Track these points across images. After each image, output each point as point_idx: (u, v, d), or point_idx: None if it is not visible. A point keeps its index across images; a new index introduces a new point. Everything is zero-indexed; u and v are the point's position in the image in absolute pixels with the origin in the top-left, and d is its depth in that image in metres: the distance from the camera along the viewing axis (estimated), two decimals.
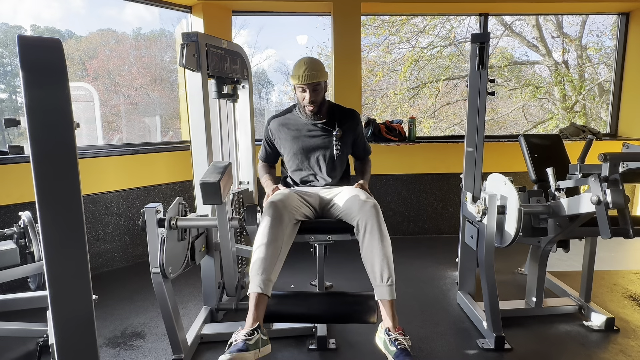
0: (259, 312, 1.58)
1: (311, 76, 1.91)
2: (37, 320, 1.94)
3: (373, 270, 1.66)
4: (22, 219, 1.83)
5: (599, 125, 6.52)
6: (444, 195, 3.66)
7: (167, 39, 3.95)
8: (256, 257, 1.64)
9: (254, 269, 1.63)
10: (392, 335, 1.57)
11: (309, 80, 1.91)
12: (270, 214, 1.72)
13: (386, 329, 1.61)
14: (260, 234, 1.68)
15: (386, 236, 1.71)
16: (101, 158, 2.90)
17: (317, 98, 1.97)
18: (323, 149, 2.06)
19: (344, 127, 2.07)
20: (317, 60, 1.97)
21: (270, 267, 1.62)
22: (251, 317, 1.57)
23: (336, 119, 2.07)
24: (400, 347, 1.53)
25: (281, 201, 1.79)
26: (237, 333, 1.53)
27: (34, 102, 1.00)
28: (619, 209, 1.62)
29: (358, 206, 1.79)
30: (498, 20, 6.52)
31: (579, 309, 2.20)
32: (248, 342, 1.47)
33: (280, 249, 1.67)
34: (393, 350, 1.53)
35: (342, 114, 2.11)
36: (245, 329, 1.54)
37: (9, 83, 3.42)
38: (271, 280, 1.62)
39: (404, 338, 1.57)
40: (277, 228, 1.68)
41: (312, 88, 1.94)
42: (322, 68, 1.96)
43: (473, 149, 2.07)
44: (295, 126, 2.08)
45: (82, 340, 1.12)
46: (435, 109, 7.23)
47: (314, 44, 7.22)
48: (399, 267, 2.91)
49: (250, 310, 1.59)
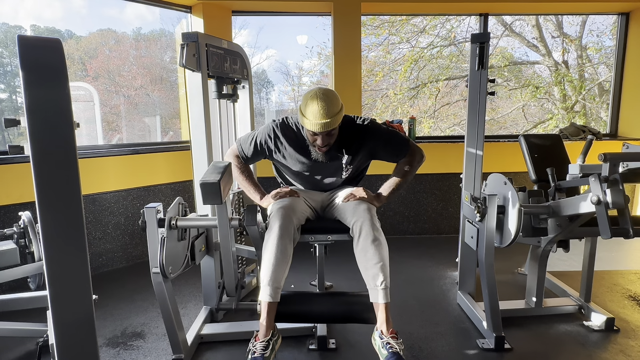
0: (271, 319, 1.65)
1: (327, 124, 1.64)
2: (37, 320, 1.93)
3: (367, 273, 1.65)
4: (22, 219, 1.83)
5: (599, 125, 6.52)
6: (444, 195, 3.66)
7: (167, 39, 3.95)
8: (267, 267, 1.64)
9: (266, 278, 1.63)
10: (384, 339, 1.57)
11: (324, 129, 1.66)
12: (279, 221, 1.68)
13: (379, 332, 1.60)
14: (271, 243, 1.65)
15: (380, 239, 1.68)
16: (101, 158, 2.90)
17: (331, 142, 1.76)
18: (330, 175, 1.93)
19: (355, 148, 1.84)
20: (334, 98, 1.67)
21: (280, 276, 1.65)
22: (265, 325, 1.63)
23: (346, 140, 1.82)
24: (391, 350, 1.52)
25: (290, 207, 1.76)
26: (254, 343, 1.61)
27: (34, 102, 1.00)
28: (619, 209, 1.62)
29: (352, 209, 1.78)
30: (498, 20, 6.52)
31: (579, 309, 2.20)
32: (265, 355, 1.55)
33: (289, 257, 1.68)
34: (384, 354, 1.53)
35: (354, 133, 1.82)
36: (261, 337, 1.61)
37: (9, 83, 3.42)
38: (280, 287, 1.66)
39: (397, 342, 1.55)
40: (286, 237, 1.67)
41: (327, 132, 1.70)
42: (339, 107, 1.68)
43: (473, 149, 2.07)
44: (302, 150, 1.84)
45: (82, 340, 1.12)
46: (435, 109, 7.23)
47: (314, 44, 7.24)
48: (399, 267, 2.93)
49: (263, 318, 1.64)
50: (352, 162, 1.88)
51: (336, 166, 1.89)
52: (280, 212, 1.72)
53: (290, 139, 1.84)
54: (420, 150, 1.96)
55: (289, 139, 1.84)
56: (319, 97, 1.65)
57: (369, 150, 1.88)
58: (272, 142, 1.85)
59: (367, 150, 1.87)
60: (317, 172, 1.93)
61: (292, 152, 1.85)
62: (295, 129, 1.85)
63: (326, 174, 1.94)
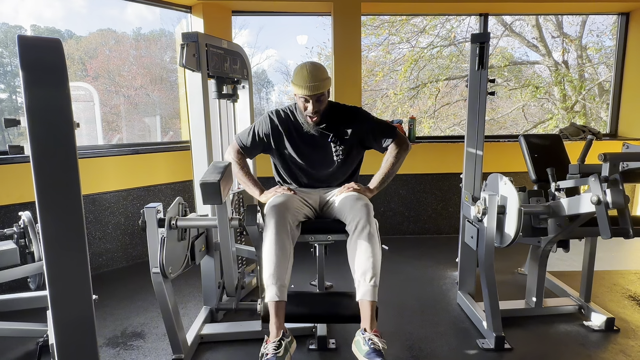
0: (280, 319, 1.62)
1: (315, 87, 1.79)
2: (37, 320, 1.93)
3: (357, 268, 1.64)
4: (22, 219, 1.83)
5: (599, 125, 6.52)
6: (444, 195, 3.66)
7: (167, 39, 3.95)
8: (268, 266, 1.63)
9: (269, 278, 1.63)
10: (366, 335, 1.54)
11: (313, 92, 1.80)
12: (274, 218, 1.70)
13: (362, 329, 1.58)
14: (268, 241, 1.66)
15: (375, 236, 1.68)
16: (101, 158, 2.90)
17: (321, 108, 1.87)
18: (322, 157, 1.97)
19: (344, 127, 1.94)
20: (320, 66, 1.85)
21: (283, 273, 1.64)
22: (274, 326, 1.61)
23: (336, 121, 1.95)
24: (373, 346, 1.50)
25: (283, 204, 1.78)
26: (265, 346, 1.57)
27: (34, 102, 1.00)
28: (619, 209, 1.62)
29: (350, 205, 1.79)
30: (498, 20, 6.52)
31: (579, 309, 2.20)
32: (278, 354, 1.52)
33: (289, 253, 1.68)
34: (365, 350, 1.50)
35: (343, 115, 1.97)
36: (272, 338, 1.58)
37: (9, 83, 3.42)
38: (285, 285, 1.65)
39: (380, 340, 1.53)
40: (283, 233, 1.68)
41: (316, 98, 1.83)
42: (326, 75, 1.85)
43: (473, 149, 2.07)
44: (297, 132, 1.95)
45: (82, 340, 1.12)
46: (435, 109, 7.22)
47: (314, 44, 7.24)
48: (399, 267, 2.93)
49: (272, 319, 1.62)
50: (342, 144, 1.95)
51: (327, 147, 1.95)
52: (274, 209, 1.73)
53: (285, 122, 1.96)
54: (406, 139, 2.03)
55: (283, 123, 1.96)
56: (307, 65, 1.82)
57: (357, 135, 1.96)
58: (269, 128, 1.96)
59: (355, 133, 1.96)
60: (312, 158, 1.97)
61: (288, 133, 1.95)
62: (290, 113, 1.98)
63: (320, 160, 1.97)
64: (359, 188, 1.92)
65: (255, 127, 1.98)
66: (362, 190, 1.92)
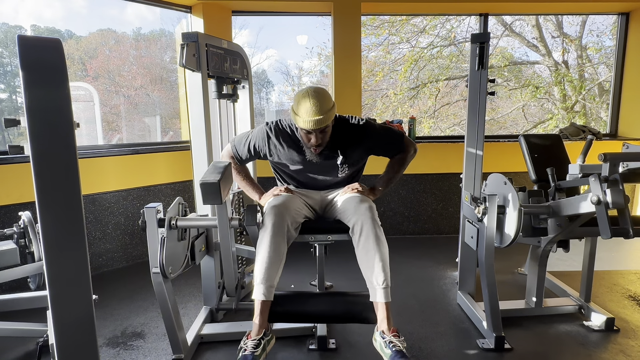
0: (264, 318, 1.65)
1: (320, 121, 1.65)
2: (37, 320, 1.93)
3: (368, 273, 1.66)
4: (22, 219, 1.83)
5: (599, 125, 6.52)
6: (444, 195, 3.66)
7: (167, 39, 3.95)
8: (260, 265, 1.65)
9: (258, 277, 1.65)
10: (386, 338, 1.57)
11: (317, 126, 1.67)
12: (272, 219, 1.70)
13: (381, 332, 1.60)
14: (264, 241, 1.67)
15: (381, 238, 1.69)
16: (101, 158, 2.90)
17: (325, 139, 1.75)
18: (326, 174, 1.92)
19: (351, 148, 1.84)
20: (325, 94, 1.68)
21: (273, 275, 1.65)
22: (257, 323, 1.64)
23: (344, 142, 1.82)
24: (395, 349, 1.53)
25: (283, 205, 1.77)
26: (245, 341, 1.60)
27: (34, 102, 1.00)
28: (619, 209, 1.62)
29: (353, 207, 1.78)
30: (498, 20, 6.52)
31: (579, 309, 2.20)
32: (255, 353, 1.55)
33: (282, 256, 1.69)
34: (388, 353, 1.53)
35: (351, 134, 1.83)
36: (253, 335, 1.62)
37: (9, 83, 3.42)
38: (273, 285, 1.67)
39: (399, 340, 1.56)
40: (279, 236, 1.68)
41: (320, 130, 1.70)
42: (331, 104, 1.69)
43: (473, 149, 2.07)
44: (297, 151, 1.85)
45: (82, 340, 1.12)
46: (435, 109, 7.22)
47: (314, 44, 7.25)
48: (399, 267, 2.93)
49: (255, 316, 1.65)
50: (348, 161, 1.89)
51: (332, 165, 1.89)
52: (274, 210, 1.73)
53: (285, 141, 1.85)
54: (414, 144, 2.01)
55: (283, 142, 1.85)
56: (311, 95, 1.66)
57: (365, 150, 1.92)
58: (266, 145, 1.87)
59: (362, 149, 1.90)
60: (314, 171, 1.93)
61: (287, 153, 1.86)
62: (290, 131, 1.86)
63: (322, 173, 1.94)
64: (362, 190, 1.90)
65: (252, 141, 1.88)
66: (366, 192, 1.91)
